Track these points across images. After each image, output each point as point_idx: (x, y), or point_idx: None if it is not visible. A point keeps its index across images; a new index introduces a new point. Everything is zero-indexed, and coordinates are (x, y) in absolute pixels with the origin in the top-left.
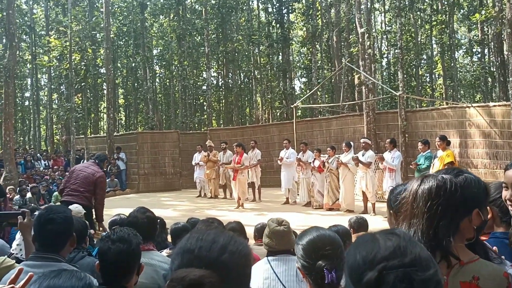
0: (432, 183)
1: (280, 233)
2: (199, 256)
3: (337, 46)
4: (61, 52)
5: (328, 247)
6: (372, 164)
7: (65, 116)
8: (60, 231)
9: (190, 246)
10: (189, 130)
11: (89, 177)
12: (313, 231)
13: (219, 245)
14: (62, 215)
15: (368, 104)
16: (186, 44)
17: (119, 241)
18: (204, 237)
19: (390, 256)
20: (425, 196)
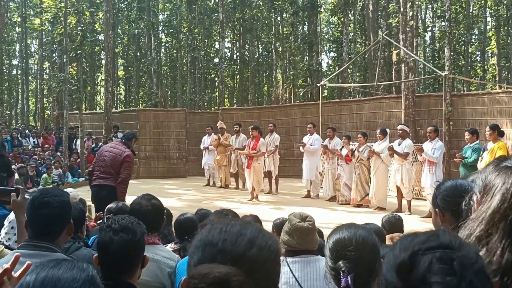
0: None
1: (304, 230)
2: (224, 250)
3: (373, 16)
4: (54, 14)
5: (352, 247)
6: (409, 155)
7: (58, 88)
8: (56, 217)
9: (213, 238)
10: (198, 109)
11: (117, 158)
12: (343, 229)
13: (246, 238)
14: (59, 199)
15: (407, 85)
16: (197, 9)
17: (123, 231)
18: (228, 229)
19: (427, 239)
20: None
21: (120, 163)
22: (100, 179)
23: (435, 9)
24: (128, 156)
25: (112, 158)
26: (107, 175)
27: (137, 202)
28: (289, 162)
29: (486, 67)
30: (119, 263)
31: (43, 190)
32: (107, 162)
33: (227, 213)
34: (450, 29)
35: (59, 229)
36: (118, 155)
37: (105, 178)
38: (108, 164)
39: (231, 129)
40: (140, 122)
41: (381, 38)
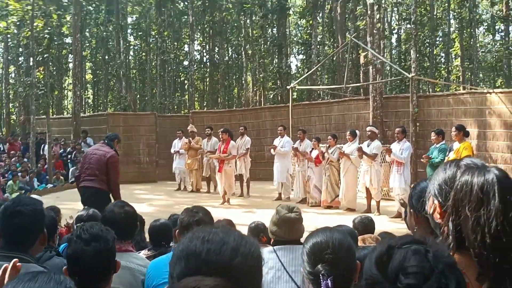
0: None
1: (291, 221)
2: (208, 260)
3: (341, 18)
4: (21, 17)
5: (329, 250)
6: (378, 156)
7: (24, 93)
8: (28, 226)
9: (196, 248)
10: (168, 112)
11: (101, 159)
12: (319, 233)
13: (230, 247)
14: (31, 208)
15: (375, 87)
16: (166, 12)
17: (94, 240)
18: (211, 238)
19: (403, 237)
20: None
21: (105, 164)
22: (85, 181)
23: (401, 12)
24: (112, 157)
25: (97, 160)
26: (92, 177)
27: (110, 209)
28: (260, 165)
29: (450, 68)
30: (94, 273)
31: (15, 198)
32: (93, 164)
33: (198, 210)
34: (415, 31)
35: (32, 239)
36: (102, 157)
37: (90, 180)
38: (93, 166)
39: (202, 132)
40: (109, 127)
41: (349, 41)
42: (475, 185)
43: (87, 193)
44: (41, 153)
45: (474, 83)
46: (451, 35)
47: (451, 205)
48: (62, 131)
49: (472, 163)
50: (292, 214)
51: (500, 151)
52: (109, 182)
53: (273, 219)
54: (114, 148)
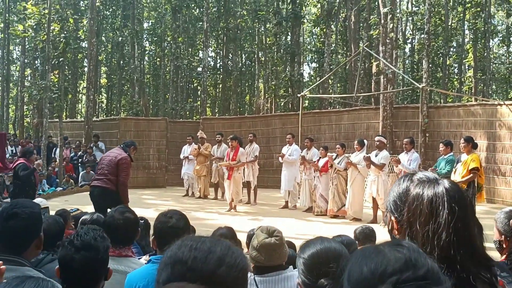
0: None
1: (271, 247)
2: (193, 268)
3: (355, 27)
4: (38, 21)
5: (333, 263)
6: (386, 166)
7: (38, 96)
8: (23, 229)
9: (183, 256)
10: (179, 118)
11: (112, 160)
12: (317, 242)
13: (216, 256)
14: (28, 210)
15: (386, 97)
16: (182, 17)
17: (84, 248)
18: (198, 246)
19: (403, 268)
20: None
21: (115, 165)
22: (95, 180)
23: (415, 21)
24: (123, 159)
25: (108, 160)
26: (101, 176)
27: (110, 215)
28: (268, 173)
29: (463, 79)
30: (81, 280)
31: (13, 201)
32: (104, 164)
33: (172, 215)
34: (429, 41)
35: (26, 242)
36: (114, 158)
37: (98, 180)
38: (104, 167)
39: (212, 138)
40: (120, 131)
41: (361, 50)
42: (425, 198)
43: (95, 192)
44: (52, 156)
45: (486, 94)
46: (465, 46)
47: (405, 219)
48: (75, 134)
49: (424, 176)
50: (272, 239)
51: (509, 164)
52: (118, 182)
53: (253, 243)
54: (129, 153)
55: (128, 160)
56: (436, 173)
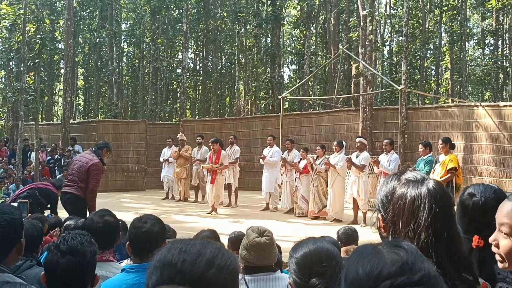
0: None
1: (261, 246)
2: (183, 270)
3: (334, 29)
4: (13, 21)
5: (325, 263)
6: (366, 167)
7: (13, 98)
8: (3, 235)
9: (172, 258)
10: (159, 120)
11: (83, 166)
12: (309, 243)
13: (205, 259)
14: (8, 217)
15: (365, 98)
16: (161, 19)
17: (71, 253)
18: (188, 249)
19: (398, 272)
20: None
21: (86, 171)
22: (65, 186)
23: (393, 24)
24: (94, 165)
25: (79, 166)
26: (72, 183)
27: (90, 218)
28: (249, 174)
29: (440, 81)
30: (67, 285)
31: None
32: (75, 171)
33: (146, 220)
34: (407, 43)
35: (6, 248)
36: (85, 164)
37: (69, 186)
38: (74, 173)
39: (192, 141)
40: (98, 134)
41: (341, 52)
42: (407, 198)
43: (65, 198)
44: (28, 159)
45: (463, 96)
46: (441, 48)
47: (390, 218)
48: (51, 137)
49: (412, 176)
50: (262, 239)
51: (486, 164)
52: (86, 189)
53: (243, 242)
54: (101, 157)
55: (99, 166)
56: None
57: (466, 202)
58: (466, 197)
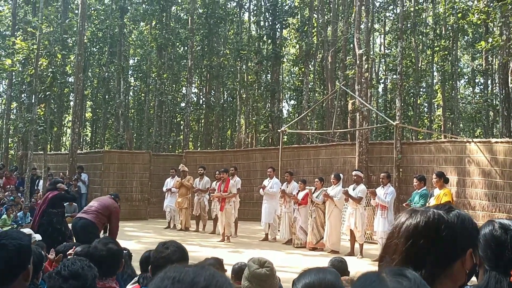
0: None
1: (262, 277)
2: None
3: (331, 67)
4: (26, 55)
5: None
6: (363, 199)
7: (24, 129)
8: (11, 261)
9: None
10: (162, 151)
11: (105, 204)
12: (312, 273)
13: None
14: (16, 242)
15: (361, 133)
16: (167, 55)
17: (72, 277)
18: (182, 278)
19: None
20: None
21: (107, 208)
22: (83, 213)
23: (388, 62)
24: (116, 208)
25: (101, 202)
26: (92, 213)
27: (94, 245)
28: (249, 205)
29: (433, 117)
30: None
31: (2, 232)
32: (97, 204)
33: (168, 246)
34: (401, 81)
35: (13, 274)
36: (107, 202)
37: (88, 213)
38: (98, 207)
39: (195, 171)
40: (104, 164)
41: (338, 88)
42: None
43: (80, 223)
44: (35, 188)
45: (454, 132)
46: (434, 86)
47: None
48: (59, 166)
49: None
50: (262, 270)
51: (478, 198)
52: (110, 229)
53: (245, 273)
54: (117, 203)
55: (119, 210)
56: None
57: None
58: (499, 232)
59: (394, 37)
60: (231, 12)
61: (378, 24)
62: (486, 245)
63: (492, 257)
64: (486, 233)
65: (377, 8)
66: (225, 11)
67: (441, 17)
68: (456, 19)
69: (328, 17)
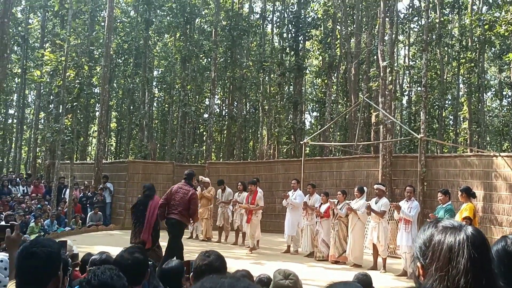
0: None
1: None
2: None
3: (355, 79)
4: (55, 67)
5: None
6: (386, 213)
7: (51, 138)
8: (41, 268)
9: None
10: (185, 162)
11: (184, 197)
12: (338, 287)
13: None
14: (46, 250)
15: (385, 146)
16: (190, 67)
17: (102, 286)
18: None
19: None
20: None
21: (187, 201)
22: (171, 214)
23: (412, 74)
24: (192, 194)
25: (180, 198)
26: (176, 211)
27: (120, 254)
28: (271, 217)
29: (458, 131)
30: None
31: (34, 240)
32: (177, 201)
33: (209, 254)
34: (425, 94)
35: (44, 280)
36: (185, 195)
37: (174, 213)
38: (178, 203)
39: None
40: (128, 174)
41: (361, 100)
42: (444, 245)
43: (171, 222)
44: (62, 196)
45: (481, 146)
46: (460, 99)
47: (428, 264)
48: (84, 176)
49: (449, 223)
50: (286, 281)
51: (506, 214)
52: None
53: (271, 285)
54: (193, 185)
55: (196, 194)
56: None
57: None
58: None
59: (419, 48)
60: (254, 24)
61: (403, 35)
62: (500, 261)
63: (506, 272)
64: (499, 249)
65: (401, 20)
66: (248, 23)
67: (467, 29)
68: (482, 31)
69: (352, 28)
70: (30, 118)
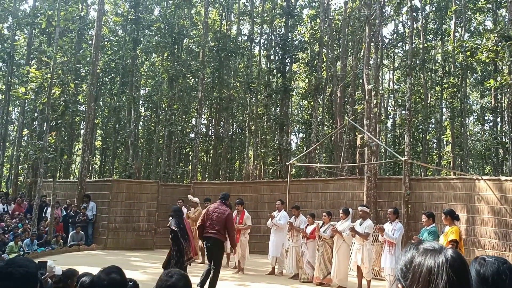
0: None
1: None
2: None
3: (340, 102)
4: (40, 84)
5: None
6: (370, 235)
7: (34, 156)
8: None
9: None
10: (170, 181)
11: (221, 217)
12: None
13: None
14: (22, 270)
15: (370, 168)
16: (178, 86)
17: None
18: None
19: None
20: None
21: (224, 220)
22: (209, 233)
23: (397, 98)
24: (229, 215)
25: (217, 217)
26: (214, 230)
27: (97, 275)
28: (256, 238)
29: (442, 154)
30: None
31: (9, 260)
32: (215, 220)
33: (172, 274)
34: (409, 117)
35: None
36: (222, 215)
37: (212, 232)
38: (215, 222)
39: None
40: (112, 193)
41: (347, 123)
42: (424, 267)
43: (210, 241)
44: (43, 215)
45: (464, 169)
46: (443, 122)
47: (408, 286)
48: (67, 194)
49: (430, 245)
50: None
51: (488, 237)
52: (227, 233)
53: None
54: (229, 205)
55: (232, 215)
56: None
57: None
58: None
59: (403, 73)
60: (242, 45)
61: (387, 60)
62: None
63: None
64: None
65: (386, 45)
66: (236, 44)
67: (450, 55)
68: (465, 57)
69: (338, 52)
70: (13, 135)
